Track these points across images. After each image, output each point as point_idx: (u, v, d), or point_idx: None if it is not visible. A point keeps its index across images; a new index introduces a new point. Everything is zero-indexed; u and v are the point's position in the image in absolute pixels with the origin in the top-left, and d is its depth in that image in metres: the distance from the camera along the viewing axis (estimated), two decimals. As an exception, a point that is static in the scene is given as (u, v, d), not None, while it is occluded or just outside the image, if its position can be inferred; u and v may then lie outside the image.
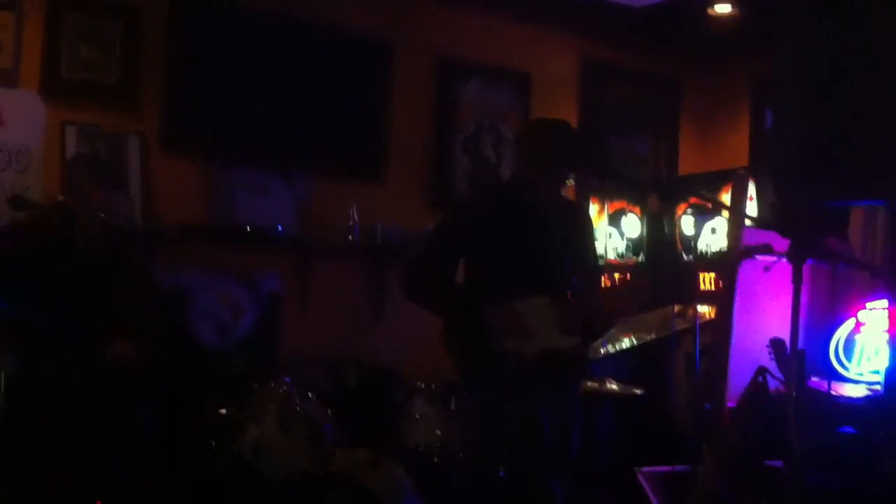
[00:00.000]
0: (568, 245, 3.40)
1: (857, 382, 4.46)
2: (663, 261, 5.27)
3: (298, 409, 3.50)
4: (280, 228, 4.84)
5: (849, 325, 4.59)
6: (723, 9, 5.66)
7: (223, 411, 3.44)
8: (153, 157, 4.70)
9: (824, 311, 4.66)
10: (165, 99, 4.73)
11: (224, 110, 4.82)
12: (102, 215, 3.64)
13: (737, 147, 6.10)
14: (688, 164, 6.36)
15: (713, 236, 5.01)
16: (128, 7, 4.63)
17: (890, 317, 4.41)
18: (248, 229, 4.74)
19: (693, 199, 5.12)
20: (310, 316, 5.04)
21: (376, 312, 5.26)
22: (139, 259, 3.86)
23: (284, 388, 3.55)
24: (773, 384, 3.95)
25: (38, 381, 3.34)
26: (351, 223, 5.08)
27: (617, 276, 5.40)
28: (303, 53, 5.02)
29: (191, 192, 4.78)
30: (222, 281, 4.65)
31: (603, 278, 4.33)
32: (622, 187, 5.41)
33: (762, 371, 3.96)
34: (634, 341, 4.37)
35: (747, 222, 4.60)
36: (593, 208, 5.67)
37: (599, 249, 5.29)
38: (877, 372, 4.40)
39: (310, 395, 3.60)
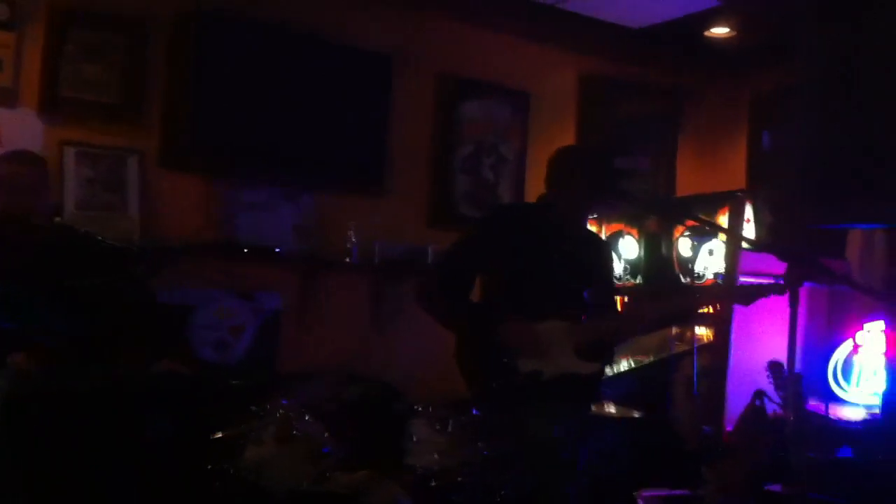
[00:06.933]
0: (587, 271, 3.41)
1: (855, 405, 4.47)
2: (660, 283, 5.27)
3: (297, 429, 3.49)
4: (280, 247, 4.85)
5: (846, 347, 4.59)
6: (720, 31, 5.70)
7: (221, 432, 3.43)
8: (154, 174, 4.70)
9: (822, 334, 4.67)
10: (166, 116, 4.74)
11: (225, 126, 4.81)
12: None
13: (734, 169, 6.12)
14: (685, 185, 6.37)
15: (711, 258, 5.02)
16: (129, 24, 4.63)
17: (888, 339, 4.42)
18: (248, 248, 4.74)
19: (690, 222, 5.12)
20: (310, 333, 5.05)
21: (377, 329, 5.27)
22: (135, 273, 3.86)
23: (283, 408, 3.54)
24: (771, 407, 3.95)
25: (38, 398, 3.33)
26: (350, 242, 5.09)
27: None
28: (304, 69, 5.02)
29: (192, 209, 4.78)
30: (222, 298, 4.65)
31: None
32: (629, 209, 5.39)
33: (760, 394, 3.97)
34: (633, 364, 4.38)
35: (745, 245, 4.61)
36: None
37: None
38: (875, 394, 4.41)
39: (307, 416, 3.59)
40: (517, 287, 3.31)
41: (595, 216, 5.39)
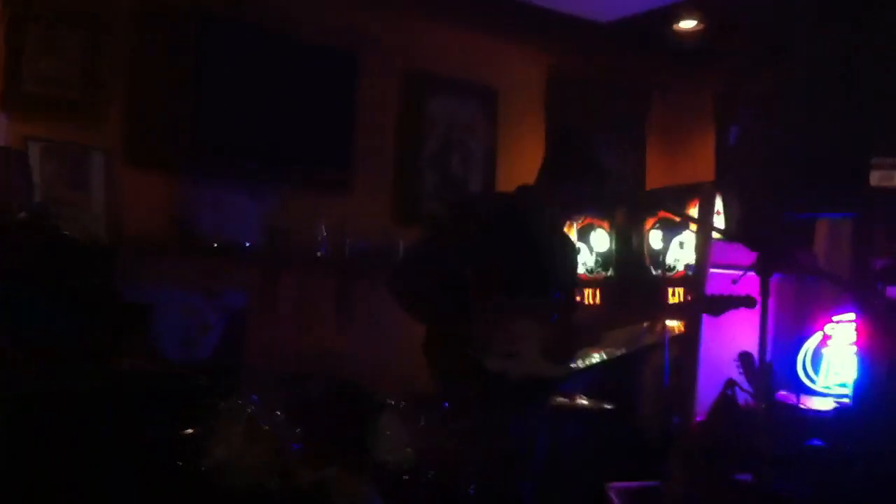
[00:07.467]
0: (554, 269, 3.40)
1: (824, 395, 4.49)
2: (632, 276, 5.28)
3: (265, 426, 3.47)
4: (247, 243, 4.80)
5: (816, 338, 4.62)
6: (689, 24, 5.71)
7: (189, 430, 3.40)
8: (118, 171, 4.64)
9: (791, 325, 4.69)
10: (129, 112, 4.67)
11: (189, 123, 4.74)
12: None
13: (703, 161, 6.15)
14: (654, 178, 6.39)
15: (681, 251, 5.03)
16: (90, 19, 4.57)
17: (857, 329, 4.45)
18: (215, 244, 4.69)
19: (661, 213, 5.14)
20: (276, 330, 5.00)
21: (344, 326, 5.23)
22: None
23: (250, 405, 3.51)
24: (742, 397, 3.97)
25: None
26: (319, 237, 5.05)
27: (587, 291, 5.41)
28: (270, 66, 4.96)
29: (156, 207, 4.72)
30: (188, 296, 4.59)
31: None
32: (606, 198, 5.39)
33: (731, 384, 3.98)
34: (604, 356, 4.37)
35: (715, 236, 4.63)
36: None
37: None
38: (844, 385, 4.43)
39: (276, 412, 3.56)
40: (485, 283, 3.28)
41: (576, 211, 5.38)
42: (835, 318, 4.59)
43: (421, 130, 5.59)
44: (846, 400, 4.30)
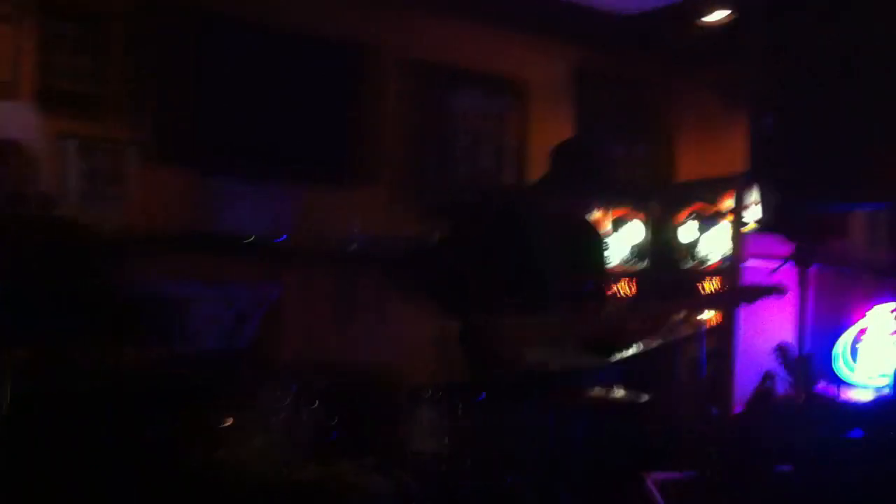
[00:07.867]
0: (582, 261, 3.39)
1: (864, 386, 4.44)
2: (666, 266, 5.26)
3: (303, 416, 3.48)
4: (282, 236, 4.82)
5: (854, 328, 4.56)
6: (718, 15, 5.67)
7: (227, 421, 3.41)
8: (145, 167, 4.68)
9: (829, 315, 4.64)
10: (155, 109, 4.70)
11: (213, 120, 4.77)
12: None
13: (736, 152, 6.09)
14: (687, 169, 6.35)
15: (716, 242, 5.01)
16: (117, 18, 4.62)
17: (896, 320, 4.40)
18: (232, 241, 4.71)
19: (696, 205, 5.12)
20: (309, 323, 5.00)
21: (374, 318, 5.22)
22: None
23: (288, 395, 3.52)
24: (781, 388, 3.94)
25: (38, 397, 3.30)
26: (349, 232, 5.06)
27: (622, 281, 5.39)
28: (290, 62, 4.96)
29: (181, 202, 4.75)
30: (223, 289, 4.61)
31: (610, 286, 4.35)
32: (630, 198, 5.40)
33: (769, 376, 3.95)
34: (640, 347, 4.35)
35: (752, 226, 4.59)
36: (596, 214, 5.65)
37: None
38: (883, 375, 4.38)
39: (314, 402, 3.57)
40: (513, 277, 3.28)
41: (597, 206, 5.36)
42: (874, 308, 4.54)
43: (447, 125, 5.57)
44: (886, 390, 4.25)
